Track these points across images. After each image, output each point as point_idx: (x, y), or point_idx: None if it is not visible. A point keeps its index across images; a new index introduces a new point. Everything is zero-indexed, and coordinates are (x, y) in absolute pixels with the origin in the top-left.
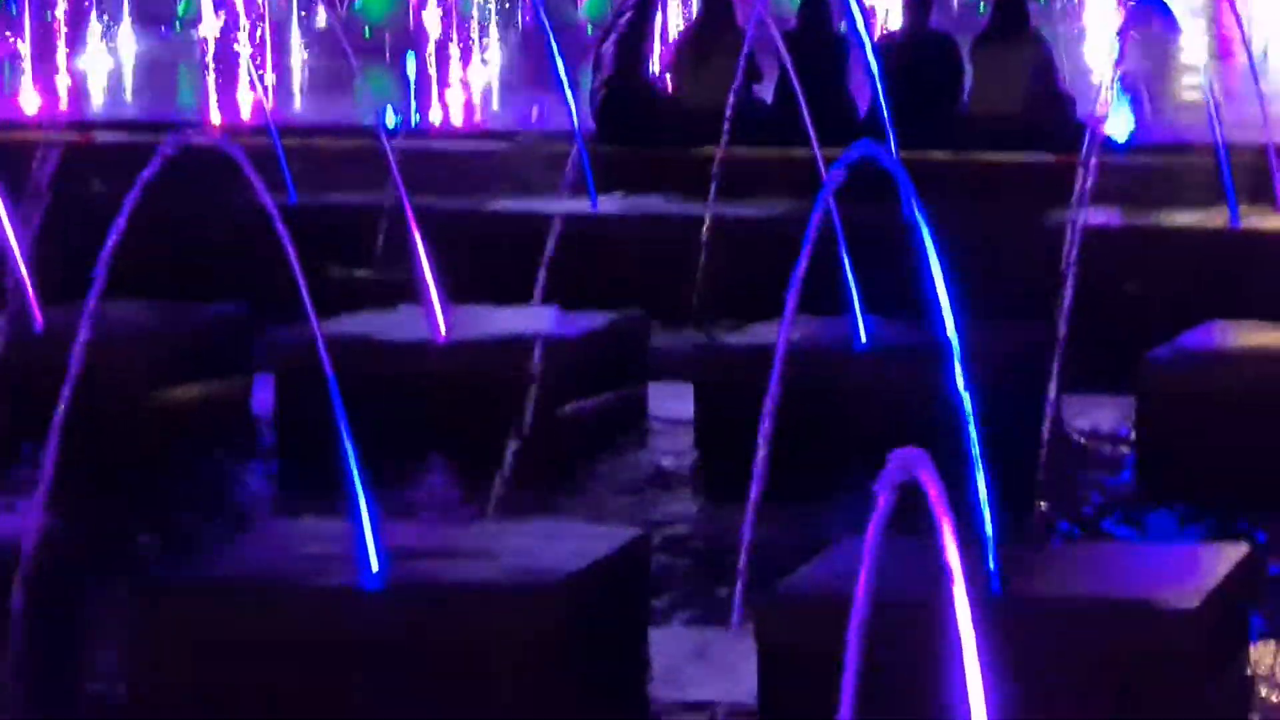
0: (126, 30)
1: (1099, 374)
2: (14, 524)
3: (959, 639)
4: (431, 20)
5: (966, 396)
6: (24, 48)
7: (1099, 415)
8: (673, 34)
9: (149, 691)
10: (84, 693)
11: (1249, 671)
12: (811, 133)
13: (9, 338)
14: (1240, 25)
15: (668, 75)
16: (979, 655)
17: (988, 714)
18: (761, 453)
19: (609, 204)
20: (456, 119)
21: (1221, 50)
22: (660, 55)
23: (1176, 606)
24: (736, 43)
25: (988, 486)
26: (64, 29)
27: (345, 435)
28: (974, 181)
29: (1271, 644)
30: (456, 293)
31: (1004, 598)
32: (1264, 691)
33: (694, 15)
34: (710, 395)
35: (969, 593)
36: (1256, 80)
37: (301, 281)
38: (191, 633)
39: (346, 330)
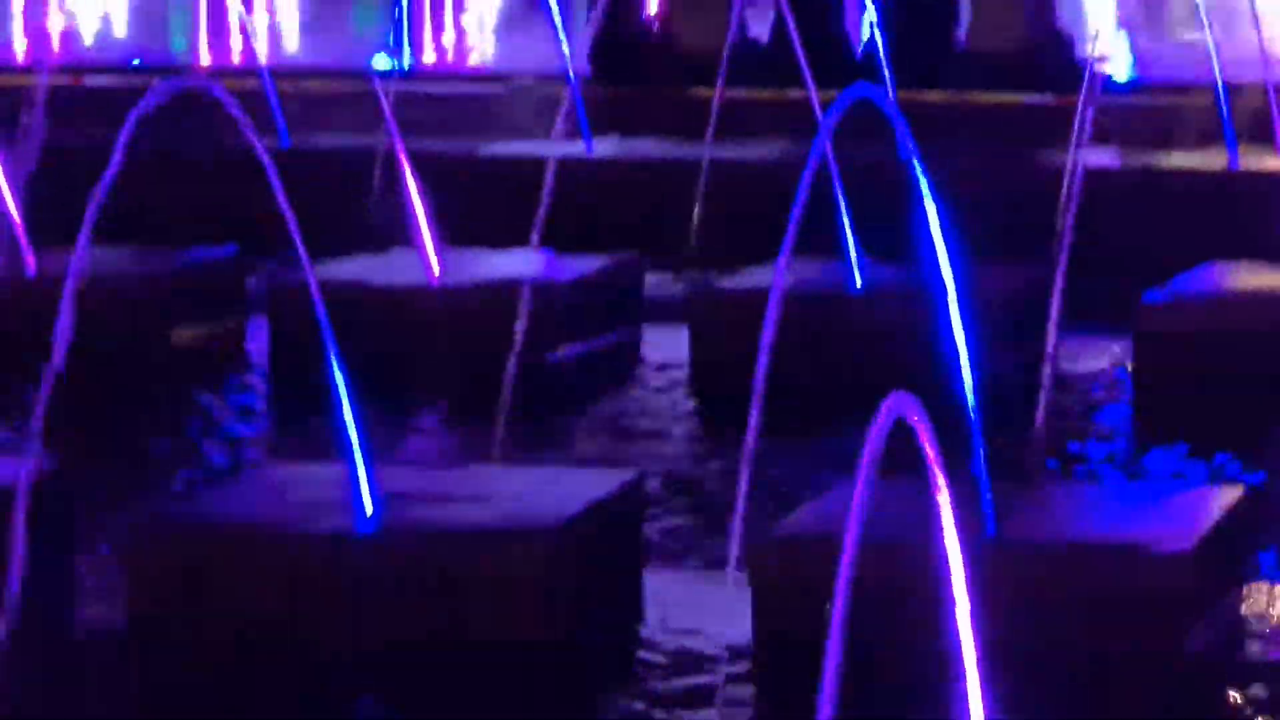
0: None
1: (1097, 315)
2: (9, 466)
3: (951, 579)
4: None
5: (961, 338)
6: None
7: (1096, 356)
8: None
9: (145, 631)
10: (81, 623)
11: (1242, 613)
12: (807, 74)
13: (1, 281)
14: None
15: (660, 16)
16: (970, 595)
17: (978, 654)
18: (757, 395)
19: (604, 147)
20: (450, 61)
21: None
22: None
23: (1170, 549)
24: None
25: (983, 428)
26: None
27: (339, 379)
28: (972, 122)
29: (1265, 585)
30: (450, 236)
31: (997, 538)
32: (1256, 633)
33: None
34: (705, 338)
35: (961, 533)
36: (1256, 20)
37: (294, 225)
38: (187, 574)
39: (340, 274)
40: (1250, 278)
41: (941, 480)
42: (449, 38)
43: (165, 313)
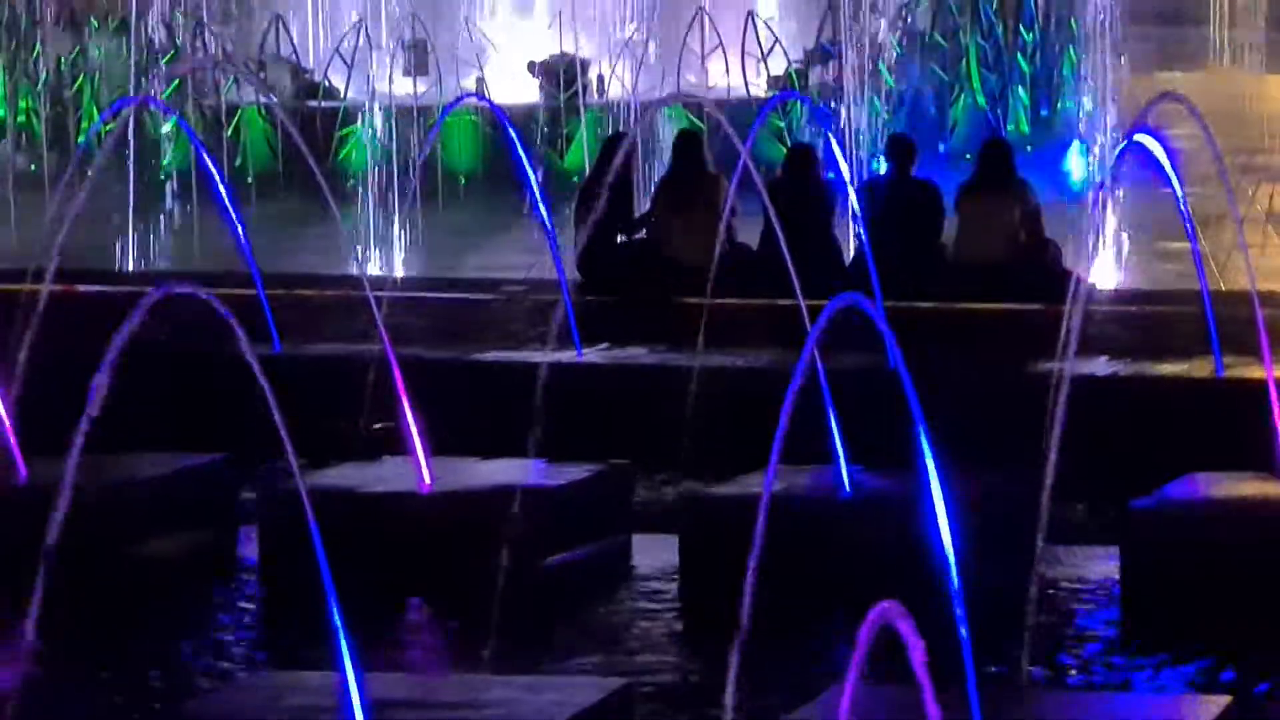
0: (112, 180)
1: (1084, 522)
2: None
3: None
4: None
5: (949, 546)
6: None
7: (1083, 563)
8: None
9: None
10: None
11: None
12: (796, 283)
13: None
14: (1224, 176)
15: (649, 225)
16: None
17: None
18: (747, 604)
19: (594, 355)
20: (442, 269)
21: None
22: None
23: None
24: (712, 189)
25: (971, 635)
26: (48, 179)
27: (329, 588)
28: (960, 330)
29: None
30: (442, 444)
31: None
32: None
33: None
34: (695, 546)
35: None
36: (1240, 229)
37: (284, 433)
38: None
39: (331, 482)
40: (1236, 487)
41: (929, 688)
42: (440, 245)
43: (157, 521)
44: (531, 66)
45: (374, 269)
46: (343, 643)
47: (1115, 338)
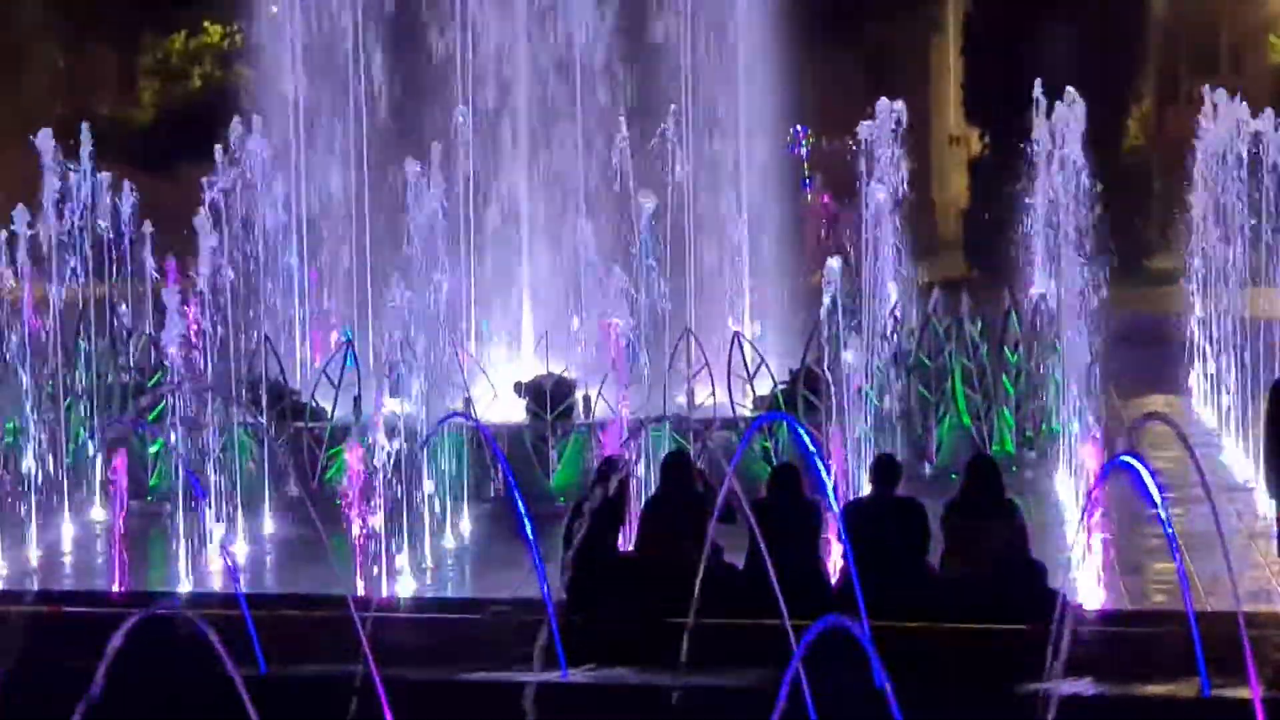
0: (96, 504)
1: None
2: None
3: None
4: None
5: None
6: None
7: None
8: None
9: None
10: None
11: None
12: (781, 602)
13: None
14: (1210, 494)
15: (636, 545)
16: None
17: None
18: None
19: (579, 675)
20: (428, 590)
21: None
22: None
23: None
24: (699, 508)
25: None
26: (35, 505)
27: None
28: (945, 650)
29: None
30: None
31: None
32: None
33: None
34: None
35: None
36: (1225, 550)
37: None
38: None
39: None
40: None
41: None
42: (426, 565)
43: None
44: (518, 387)
45: (361, 589)
46: None
47: (1101, 657)
